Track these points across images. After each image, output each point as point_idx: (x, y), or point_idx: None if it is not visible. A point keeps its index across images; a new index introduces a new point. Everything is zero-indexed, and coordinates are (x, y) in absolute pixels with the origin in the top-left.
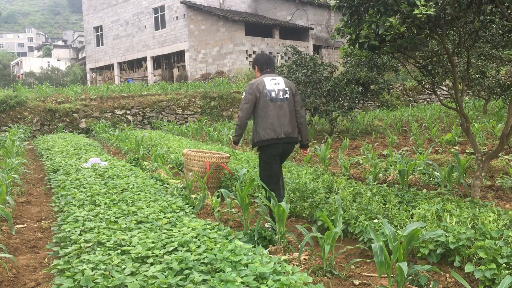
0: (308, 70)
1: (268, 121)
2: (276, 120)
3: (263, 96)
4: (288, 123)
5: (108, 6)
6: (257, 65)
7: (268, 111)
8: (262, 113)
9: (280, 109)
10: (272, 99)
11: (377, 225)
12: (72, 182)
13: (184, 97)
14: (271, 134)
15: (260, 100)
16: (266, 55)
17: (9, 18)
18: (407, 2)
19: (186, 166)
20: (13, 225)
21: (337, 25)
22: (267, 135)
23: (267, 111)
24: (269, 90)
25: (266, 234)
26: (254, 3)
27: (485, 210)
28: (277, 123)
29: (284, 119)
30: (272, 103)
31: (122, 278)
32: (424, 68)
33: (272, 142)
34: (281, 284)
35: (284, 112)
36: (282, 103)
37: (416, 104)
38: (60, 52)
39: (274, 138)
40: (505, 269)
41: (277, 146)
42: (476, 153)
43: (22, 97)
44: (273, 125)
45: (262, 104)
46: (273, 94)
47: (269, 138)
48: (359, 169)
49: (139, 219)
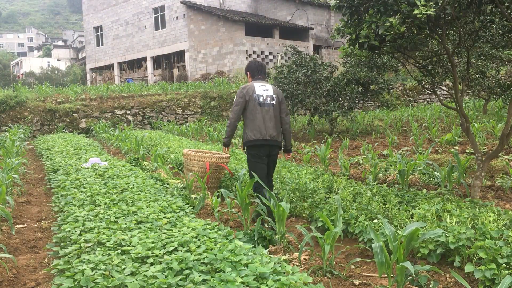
0: (308, 70)
1: (256, 124)
2: (262, 123)
3: (252, 100)
4: (273, 126)
5: (108, 6)
6: (249, 71)
7: (256, 114)
8: (250, 116)
9: (266, 113)
10: (260, 104)
11: (377, 225)
12: (72, 182)
13: (184, 97)
14: (258, 136)
15: (249, 104)
16: (259, 62)
17: (9, 18)
18: (407, 2)
19: (186, 166)
20: (13, 225)
21: (337, 25)
22: (254, 136)
23: (255, 114)
24: (258, 95)
25: (266, 234)
26: (254, 3)
27: (485, 210)
28: (263, 126)
29: (269, 123)
30: (260, 107)
31: (122, 278)
32: (424, 68)
33: (259, 143)
34: (281, 284)
35: (270, 117)
36: (269, 108)
37: (416, 104)
38: (60, 52)
39: (260, 139)
40: (505, 269)
41: (263, 147)
42: (476, 153)
43: (22, 97)
44: (260, 128)
45: (251, 107)
46: (261, 99)
47: (255, 139)
48: (359, 169)
49: (139, 219)
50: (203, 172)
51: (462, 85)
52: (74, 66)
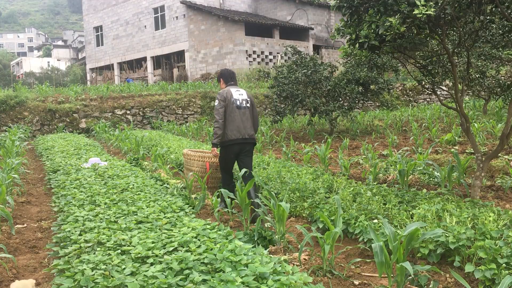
0: (308, 70)
1: (235, 125)
2: (241, 124)
3: (231, 103)
4: (250, 126)
5: (108, 6)
6: (223, 78)
7: (234, 116)
8: (229, 117)
9: (243, 115)
10: (237, 106)
11: (377, 225)
12: (72, 182)
13: (184, 97)
14: (237, 135)
15: (228, 107)
16: (230, 70)
17: (9, 18)
18: (407, 2)
19: (186, 166)
20: (13, 225)
21: (337, 25)
22: (234, 136)
23: (234, 116)
24: (235, 99)
25: (266, 234)
26: (254, 3)
27: (485, 210)
28: (242, 126)
29: (247, 123)
30: (238, 110)
31: (122, 278)
32: (424, 68)
33: (238, 141)
34: (281, 284)
35: (247, 118)
36: (245, 110)
37: (416, 104)
38: (60, 52)
39: (240, 138)
40: (505, 269)
41: (239, 145)
42: (476, 153)
43: (22, 97)
44: (239, 128)
45: (230, 110)
46: (238, 103)
47: (235, 138)
48: (359, 169)
49: (139, 219)
50: (203, 172)
51: (462, 85)
52: (74, 66)
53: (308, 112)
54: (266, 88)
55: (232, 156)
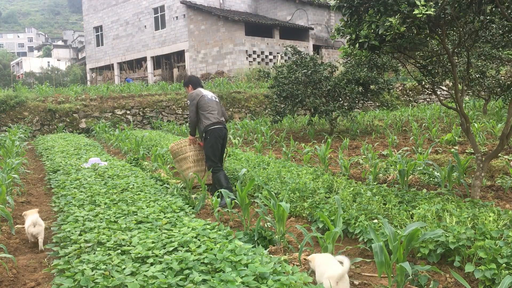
0: (308, 70)
1: (211, 112)
2: (215, 111)
3: (203, 97)
4: (221, 115)
5: (108, 6)
6: (191, 84)
7: (209, 105)
8: (206, 107)
9: (216, 104)
10: (208, 99)
11: (377, 225)
12: (72, 182)
13: (184, 97)
14: (215, 119)
15: (201, 101)
16: (197, 77)
17: (9, 18)
18: (407, 2)
19: (179, 157)
20: (13, 225)
21: (337, 25)
22: (214, 120)
23: (208, 106)
24: (205, 94)
25: (266, 234)
26: (254, 3)
27: (485, 210)
28: (216, 112)
29: (219, 112)
30: (211, 101)
31: (122, 278)
32: (424, 68)
33: (217, 125)
34: (281, 284)
35: (218, 108)
36: (216, 102)
37: (416, 104)
38: (60, 52)
39: (218, 121)
40: (505, 269)
41: (220, 129)
42: (476, 153)
43: (22, 97)
44: (215, 114)
45: (203, 102)
46: (210, 96)
47: (215, 121)
48: (359, 169)
49: (139, 219)
50: (198, 150)
51: (462, 85)
52: (74, 66)
53: (308, 112)
54: (266, 88)
55: (219, 140)
